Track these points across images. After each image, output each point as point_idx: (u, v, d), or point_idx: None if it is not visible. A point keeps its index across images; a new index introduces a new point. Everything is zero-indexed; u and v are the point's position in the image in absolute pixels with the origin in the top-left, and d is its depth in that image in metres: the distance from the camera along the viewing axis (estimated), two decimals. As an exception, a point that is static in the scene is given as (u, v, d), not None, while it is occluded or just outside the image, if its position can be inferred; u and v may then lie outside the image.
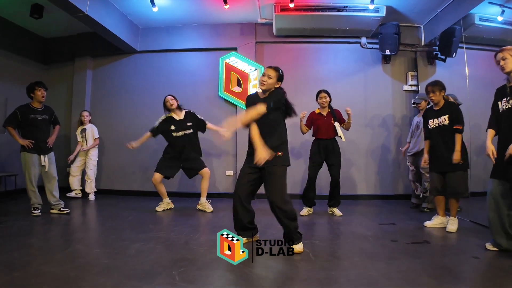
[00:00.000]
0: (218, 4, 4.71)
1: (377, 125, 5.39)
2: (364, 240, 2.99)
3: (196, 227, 3.47)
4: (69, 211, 4.00)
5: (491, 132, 2.67)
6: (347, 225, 3.53)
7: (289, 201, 2.52)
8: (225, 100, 5.44)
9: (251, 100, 2.69)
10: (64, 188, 5.06)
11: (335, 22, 4.92)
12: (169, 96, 4.26)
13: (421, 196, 4.39)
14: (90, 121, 5.35)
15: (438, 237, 3.13)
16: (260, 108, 2.48)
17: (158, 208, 4.23)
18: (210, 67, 5.53)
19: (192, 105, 4.56)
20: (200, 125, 4.30)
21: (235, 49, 5.46)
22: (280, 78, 2.66)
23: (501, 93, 2.63)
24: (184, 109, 4.32)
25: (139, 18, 5.33)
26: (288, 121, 2.77)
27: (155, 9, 4.67)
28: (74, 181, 5.20)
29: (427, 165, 3.56)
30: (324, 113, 4.03)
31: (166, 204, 4.30)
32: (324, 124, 3.98)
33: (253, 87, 5.28)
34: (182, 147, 4.18)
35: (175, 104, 4.21)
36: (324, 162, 4.05)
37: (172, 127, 4.18)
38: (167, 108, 4.25)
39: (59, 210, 3.94)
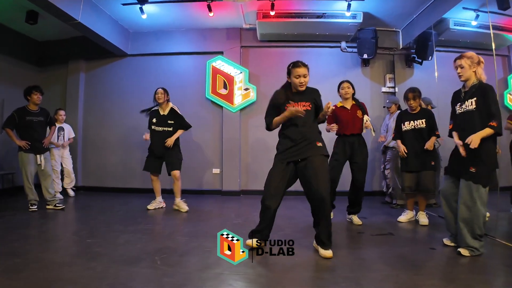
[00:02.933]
0: (204, 11, 4.95)
1: (356, 125, 5.68)
2: (333, 231, 3.29)
3: (181, 220, 3.76)
4: (64, 206, 4.28)
5: (455, 134, 2.80)
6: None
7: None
8: (212, 101, 5.72)
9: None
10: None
11: (315, 28, 5.20)
12: (160, 89, 4.25)
13: (388, 192, 4.69)
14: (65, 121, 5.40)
15: (403, 230, 3.42)
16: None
17: (149, 207, 4.29)
18: (197, 70, 5.79)
19: (180, 106, 4.78)
20: (181, 123, 4.30)
21: (221, 53, 5.73)
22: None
23: (456, 97, 2.84)
24: (172, 105, 4.32)
25: (130, 23, 5.56)
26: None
27: (144, 16, 4.91)
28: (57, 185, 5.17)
29: (405, 155, 3.58)
30: (348, 106, 3.57)
31: (158, 203, 4.38)
32: (349, 118, 3.52)
33: (238, 90, 5.59)
34: (158, 141, 4.19)
35: (162, 98, 4.20)
36: (348, 162, 3.62)
37: (154, 120, 4.24)
38: (155, 100, 4.27)
39: (55, 205, 4.21)
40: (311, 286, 2.06)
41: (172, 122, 4.26)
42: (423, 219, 3.60)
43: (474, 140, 2.46)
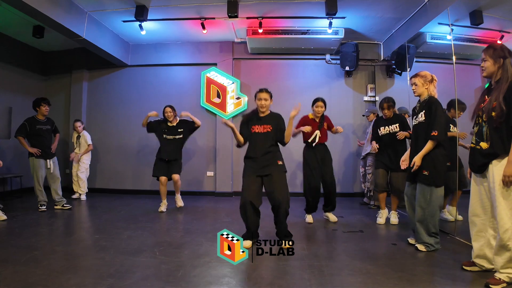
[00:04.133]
0: (199, 27, 5.39)
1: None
2: (310, 228, 3.73)
3: (177, 219, 4.20)
4: (71, 207, 4.70)
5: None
6: (301, 217, 4.20)
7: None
8: (206, 109, 6.16)
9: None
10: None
11: (301, 43, 5.66)
12: (168, 108, 4.66)
13: (368, 194, 5.11)
14: (83, 129, 5.76)
15: (373, 228, 3.79)
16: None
17: (161, 209, 4.57)
18: (193, 80, 6.22)
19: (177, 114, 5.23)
20: (190, 127, 4.73)
21: (215, 64, 6.17)
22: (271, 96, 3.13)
23: (413, 111, 3.17)
24: (180, 119, 4.75)
25: (130, 37, 5.98)
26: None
27: (143, 33, 5.31)
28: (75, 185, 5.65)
29: (376, 150, 4.02)
30: (317, 119, 4.08)
31: (165, 205, 4.64)
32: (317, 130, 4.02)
33: (231, 99, 6.03)
34: (169, 148, 4.63)
35: (172, 116, 4.64)
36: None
37: (165, 130, 4.65)
38: (165, 117, 4.68)
39: (62, 206, 4.63)
40: (280, 272, 2.47)
41: (182, 130, 4.70)
42: (394, 218, 3.97)
43: (416, 162, 2.89)
